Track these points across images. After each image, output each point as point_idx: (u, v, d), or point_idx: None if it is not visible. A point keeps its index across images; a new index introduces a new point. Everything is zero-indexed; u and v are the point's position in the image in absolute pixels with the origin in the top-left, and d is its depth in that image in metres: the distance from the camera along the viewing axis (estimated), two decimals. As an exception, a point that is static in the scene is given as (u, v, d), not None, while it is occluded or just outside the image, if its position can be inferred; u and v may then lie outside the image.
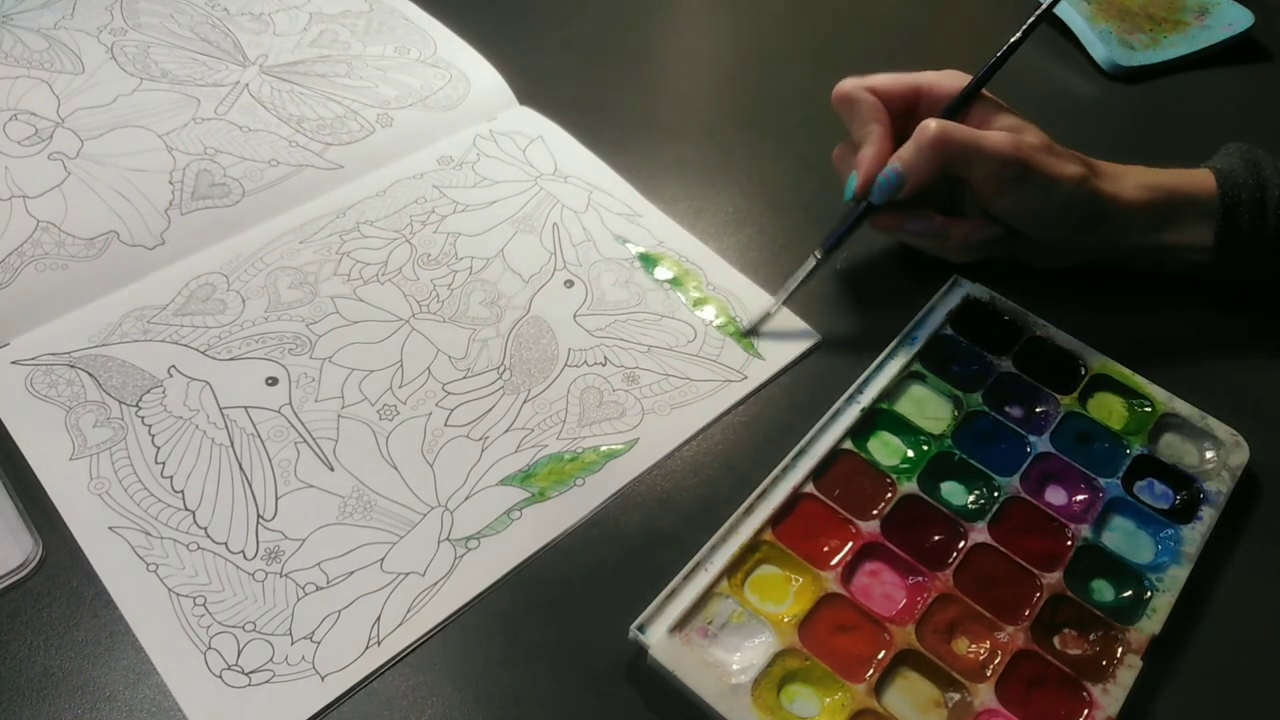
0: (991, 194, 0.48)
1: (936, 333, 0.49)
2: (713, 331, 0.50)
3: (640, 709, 0.37)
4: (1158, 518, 0.43)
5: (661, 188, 0.56)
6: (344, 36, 0.63)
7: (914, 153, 0.46)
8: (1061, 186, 0.47)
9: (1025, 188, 0.47)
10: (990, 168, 0.46)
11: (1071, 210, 0.48)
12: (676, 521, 0.42)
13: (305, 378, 0.45)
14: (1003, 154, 0.46)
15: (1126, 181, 0.49)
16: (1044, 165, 0.46)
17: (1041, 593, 0.40)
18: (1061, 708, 0.37)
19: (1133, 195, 0.49)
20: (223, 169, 0.53)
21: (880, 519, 0.42)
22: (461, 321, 0.49)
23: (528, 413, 0.45)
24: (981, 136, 0.46)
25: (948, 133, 0.46)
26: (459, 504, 0.42)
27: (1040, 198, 0.47)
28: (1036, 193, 0.47)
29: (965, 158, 0.46)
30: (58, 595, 0.38)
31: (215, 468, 0.42)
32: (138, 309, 0.47)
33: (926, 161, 0.46)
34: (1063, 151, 0.48)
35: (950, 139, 0.45)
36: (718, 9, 0.72)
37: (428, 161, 0.56)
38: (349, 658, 0.37)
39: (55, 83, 0.56)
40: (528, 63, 0.62)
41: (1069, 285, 0.53)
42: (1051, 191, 0.47)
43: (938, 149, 0.46)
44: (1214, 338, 0.52)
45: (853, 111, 0.49)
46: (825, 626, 0.39)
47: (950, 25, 0.51)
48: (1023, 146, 0.46)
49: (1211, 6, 0.72)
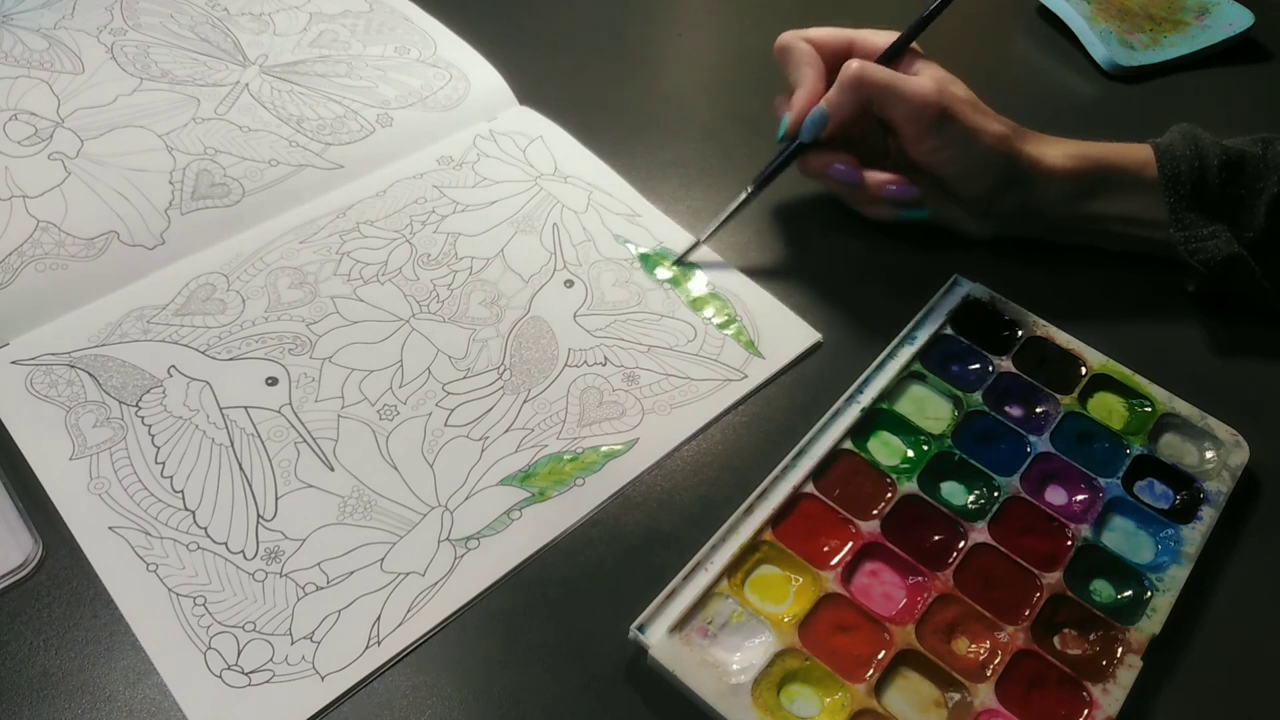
0: (913, 139, 0.49)
1: (936, 333, 0.49)
2: (713, 331, 0.50)
3: (640, 709, 0.37)
4: (1158, 518, 0.43)
5: (661, 188, 0.56)
6: (344, 36, 0.63)
7: (836, 92, 0.48)
8: (981, 139, 0.48)
9: (945, 134, 0.48)
10: (909, 110, 0.48)
11: (990, 168, 0.49)
12: (676, 521, 0.42)
13: (305, 378, 0.45)
14: (921, 95, 0.47)
15: (1053, 149, 0.51)
16: (964, 114, 0.48)
17: (1041, 593, 0.40)
18: (1061, 708, 0.37)
19: (1057, 162, 0.50)
20: (223, 169, 0.53)
21: (880, 519, 0.42)
22: (461, 321, 0.49)
23: (528, 413, 0.45)
24: (901, 78, 0.48)
25: (866, 72, 0.47)
26: (459, 504, 0.42)
27: (959, 148, 0.48)
28: (955, 142, 0.48)
29: (884, 98, 0.48)
30: (58, 595, 0.38)
31: (215, 468, 0.42)
32: (138, 309, 0.47)
33: (847, 99, 0.48)
34: (989, 111, 0.50)
35: (869, 78, 0.47)
36: (718, 9, 0.72)
37: (428, 161, 0.56)
38: (349, 658, 0.37)
39: (55, 83, 0.56)
40: (528, 63, 0.62)
41: (1070, 285, 0.53)
42: (970, 142, 0.48)
43: (857, 87, 0.48)
44: (1214, 338, 0.52)
45: (788, 58, 0.52)
46: (825, 626, 0.39)
47: (950, 25, 0.51)
48: (945, 93, 0.48)
49: (1211, 6, 0.72)
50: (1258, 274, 0.49)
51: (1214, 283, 0.50)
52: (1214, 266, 0.49)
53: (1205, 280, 0.50)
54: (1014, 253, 0.54)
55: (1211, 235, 0.49)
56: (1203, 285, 0.51)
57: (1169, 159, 0.50)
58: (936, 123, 0.48)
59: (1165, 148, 0.50)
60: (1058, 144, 0.51)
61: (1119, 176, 0.50)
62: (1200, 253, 0.49)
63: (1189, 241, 0.50)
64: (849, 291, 0.52)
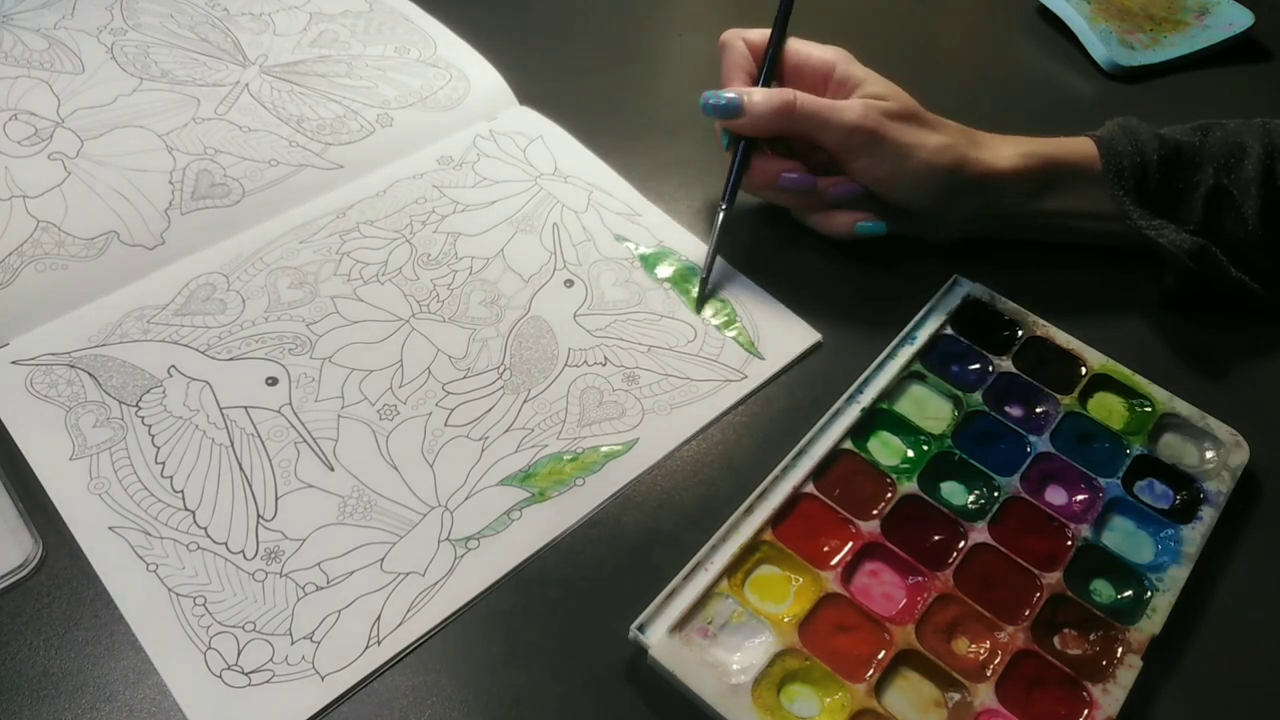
0: (845, 159, 0.50)
1: (936, 333, 0.49)
2: (713, 331, 0.50)
3: (640, 709, 0.37)
4: (1158, 518, 0.43)
5: (661, 188, 0.56)
6: (344, 36, 0.63)
7: (764, 98, 0.49)
8: (915, 153, 0.49)
9: (875, 153, 0.49)
10: (838, 136, 0.48)
11: (931, 179, 0.49)
12: (676, 521, 0.42)
13: (305, 378, 0.45)
14: (848, 124, 0.48)
15: (1004, 150, 0.51)
16: (893, 133, 0.48)
17: (1041, 593, 0.40)
18: (1061, 708, 0.37)
19: (1008, 163, 0.50)
20: (223, 169, 0.53)
21: (880, 519, 0.42)
22: (461, 321, 0.49)
23: (528, 413, 0.45)
24: (829, 106, 0.48)
25: (798, 103, 0.48)
26: (459, 504, 0.42)
27: (891, 164, 0.49)
28: (887, 159, 0.49)
29: (815, 126, 0.48)
30: (58, 595, 0.38)
31: (215, 468, 0.42)
32: (138, 309, 0.47)
33: (771, 117, 0.49)
34: (931, 120, 0.50)
35: (798, 109, 0.48)
36: (718, 9, 0.72)
37: (428, 161, 0.56)
38: (349, 658, 0.37)
39: (55, 83, 0.56)
40: (528, 63, 0.62)
41: (1069, 285, 0.53)
42: (904, 159, 0.49)
43: (783, 113, 0.48)
44: (1214, 338, 0.52)
45: (724, 56, 0.52)
46: (825, 626, 0.39)
47: (950, 25, 0.51)
48: (870, 116, 0.48)
49: (1211, 6, 0.72)
50: (1223, 262, 0.49)
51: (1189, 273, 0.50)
52: (1188, 254, 0.49)
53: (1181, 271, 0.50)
54: (1014, 253, 0.53)
55: (1158, 229, 0.49)
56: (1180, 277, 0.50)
57: (1111, 153, 0.50)
58: (867, 145, 0.48)
59: (1106, 142, 0.50)
60: (1007, 143, 0.51)
61: (1068, 172, 0.51)
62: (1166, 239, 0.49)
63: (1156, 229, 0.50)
64: (849, 291, 0.52)
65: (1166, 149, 0.50)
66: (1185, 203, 0.50)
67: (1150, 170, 0.50)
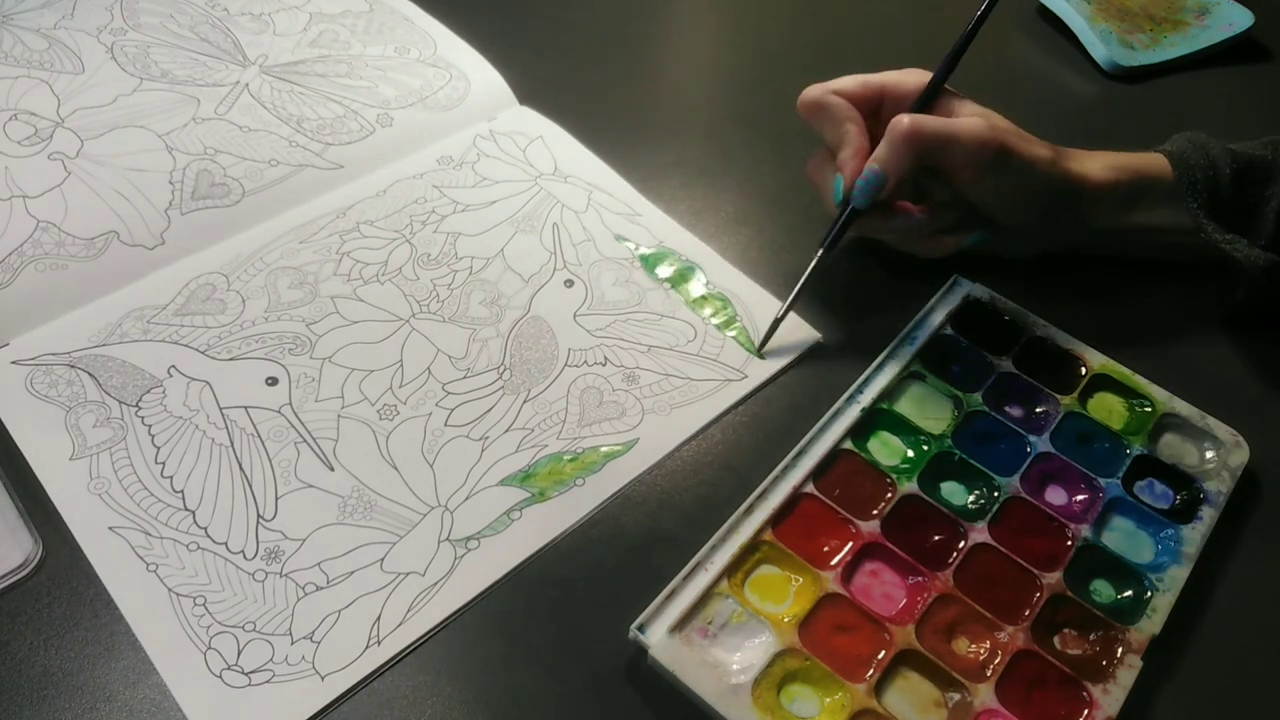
0: (970, 180, 0.48)
1: (936, 333, 0.49)
2: (713, 331, 0.50)
3: (640, 709, 0.37)
4: (1158, 518, 0.43)
5: (661, 188, 0.56)
6: (344, 36, 0.63)
7: (889, 150, 0.46)
8: (1038, 168, 0.48)
9: (1003, 171, 0.47)
10: (967, 154, 0.46)
11: (1045, 192, 0.49)
12: (676, 521, 0.42)
13: (305, 378, 0.45)
14: (980, 138, 0.46)
15: (1094, 163, 0.50)
16: (1020, 147, 0.47)
17: (1041, 593, 0.40)
18: (1061, 708, 0.37)
19: (1102, 175, 0.50)
20: (223, 169, 0.53)
21: (880, 519, 0.42)
22: (461, 321, 0.49)
23: (528, 413, 0.45)
24: (955, 124, 0.47)
25: (920, 125, 0.46)
26: (459, 504, 0.42)
27: (1015, 180, 0.48)
28: (1012, 175, 0.47)
29: (941, 147, 0.46)
30: (58, 595, 0.38)
31: (215, 468, 0.42)
32: (138, 309, 0.47)
33: (903, 157, 0.46)
34: (1030, 137, 0.49)
35: (923, 131, 0.46)
36: (718, 9, 0.72)
37: (428, 161, 0.56)
38: (349, 658, 0.37)
39: (55, 83, 0.56)
40: (528, 63, 0.62)
41: (1069, 285, 0.53)
42: (1027, 173, 0.48)
43: (912, 143, 0.46)
44: (1215, 338, 0.52)
45: (823, 116, 0.49)
46: (825, 626, 0.39)
47: (950, 26, 0.51)
48: (997, 129, 0.47)
49: (1211, 6, 0.72)
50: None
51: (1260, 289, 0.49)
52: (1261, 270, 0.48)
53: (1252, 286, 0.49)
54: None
55: (1231, 242, 0.49)
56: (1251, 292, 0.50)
57: (1184, 167, 0.49)
58: (994, 161, 0.47)
59: (1177, 156, 0.50)
60: (1095, 157, 0.50)
61: (1153, 185, 0.50)
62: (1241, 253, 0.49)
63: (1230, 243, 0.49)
64: (849, 291, 0.52)
65: (1239, 163, 0.49)
66: (1257, 217, 0.49)
67: (1223, 184, 0.49)
